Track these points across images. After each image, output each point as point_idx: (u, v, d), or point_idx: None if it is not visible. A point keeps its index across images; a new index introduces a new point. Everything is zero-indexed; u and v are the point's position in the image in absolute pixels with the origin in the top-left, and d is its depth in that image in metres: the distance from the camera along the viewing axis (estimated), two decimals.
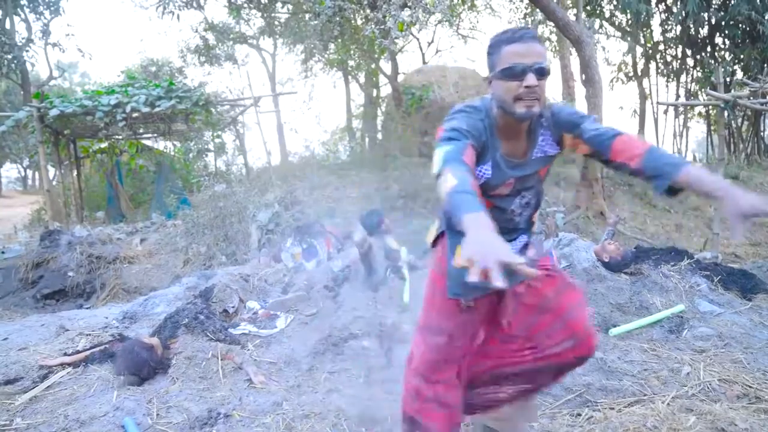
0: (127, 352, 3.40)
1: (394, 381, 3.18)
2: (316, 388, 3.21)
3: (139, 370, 3.34)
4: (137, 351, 3.38)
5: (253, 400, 3.08)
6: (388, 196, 8.27)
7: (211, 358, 3.45)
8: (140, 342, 3.45)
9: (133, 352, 3.38)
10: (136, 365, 3.34)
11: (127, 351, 3.41)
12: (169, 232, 8.91)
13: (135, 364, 3.34)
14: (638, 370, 3.22)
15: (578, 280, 4.52)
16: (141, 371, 3.35)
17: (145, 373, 3.36)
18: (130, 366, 3.34)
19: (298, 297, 4.17)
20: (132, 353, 3.38)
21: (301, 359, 3.53)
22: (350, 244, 4.99)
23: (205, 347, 3.52)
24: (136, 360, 3.35)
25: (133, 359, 3.35)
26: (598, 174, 8.42)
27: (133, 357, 3.36)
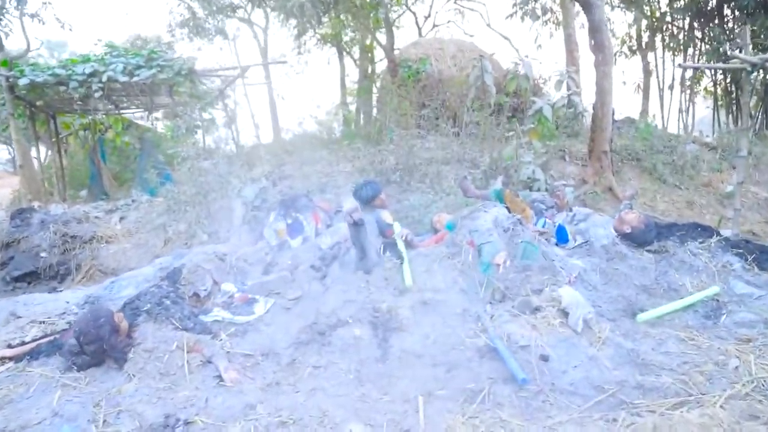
0: (89, 321, 2.92)
1: (390, 376, 2.70)
2: (297, 386, 2.71)
3: (92, 345, 2.85)
4: (101, 324, 2.89)
5: (222, 401, 2.59)
6: (383, 170, 7.72)
7: (175, 351, 2.94)
8: (110, 316, 2.96)
9: (96, 323, 2.89)
10: (92, 340, 2.85)
11: (89, 319, 2.93)
12: (150, 210, 8.37)
13: (91, 339, 2.85)
14: (677, 364, 2.73)
15: (596, 259, 4.03)
16: (94, 349, 2.86)
17: (97, 353, 2.88)
18: (86, 338, 2.86)
19: (281, 278, 3.66)
20: (94, 324, 2.89)
21: (282, 351, 3.03)
22: (340, 219, 4.48)
23: (170, 337, 3.01)
24: (95, 334, 2.86)
25: (91, 332, 2.86)
26: (606, 147, 7.90)
27: (93, 329, 2.87)
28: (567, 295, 3.14)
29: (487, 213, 3.98)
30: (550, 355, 2.70)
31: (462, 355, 2.85)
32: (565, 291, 3.21)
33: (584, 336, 2.91)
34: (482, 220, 3.90)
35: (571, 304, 3.06)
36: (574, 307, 3.03)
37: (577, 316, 2.98)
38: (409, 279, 3.54)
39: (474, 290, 3.49)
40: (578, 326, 2.95)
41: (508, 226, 3.83)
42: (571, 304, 3.05)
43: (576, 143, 9.35)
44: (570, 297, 3.13)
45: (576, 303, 3.08)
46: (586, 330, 2.95)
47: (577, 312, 3.00)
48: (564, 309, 3.04)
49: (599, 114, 7.64)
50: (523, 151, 6.77)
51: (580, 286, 3.62)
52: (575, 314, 2.99)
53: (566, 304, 3.06)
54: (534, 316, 3.00)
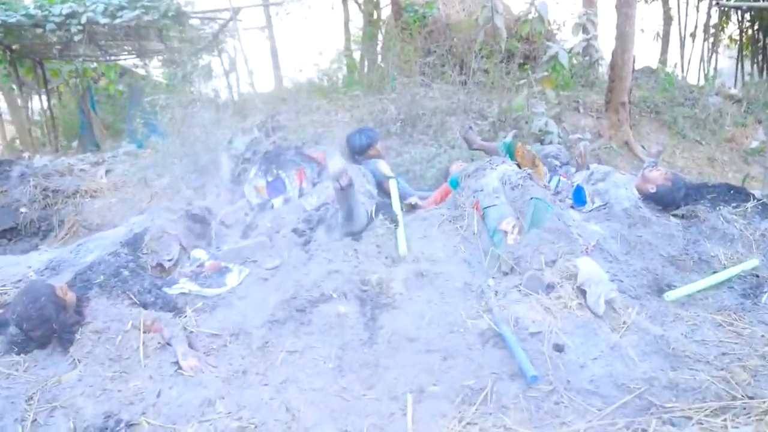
0: (27, 304, 2.46)
1: (377, 366, 2.30)
2: (267, 376, 2.32)
3: (38, 330, 2.45)
4: (43, 305, 2.45)
5: (177, 395, 2.20)
6: (384, 120, 7.18)
7: (130, 331, 2.54)
8: (51, 292, 2.52)
9: (36, 304, 2.45)
10: (36, 325, 2.45)
11: (27, 302, 2.47)
12: (136, 162, 7.91)
13: (35, 324, 2.44)
14: (715, 355, 2.32)
15: (617, 225, 3.56)
16: (41, 334, 2.46)
17: (46, 337, 2.48)
18: (29, 324, 2.45)
19: (258, 244, 3.22)
20: (34, 306, 2.45)
21: (254, 331, 2.63)
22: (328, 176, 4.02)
23: (125, 315, 2.62)
24: (38, 317, 2.44)
25: (32, 316, 2.44)
26: (625, 98, 7.29)
27: (35, 312, 2.44)
28: (585, 268, 2.69)
29: (493, 170, 3.50)
30: (565, 344, 2.28)
31: (461, 340, 2.44)
32: (583, 262, 2.75)
33: (605, 319, 2.49)
34: (488, 179, 3.43)
35: (589, 279, 2.60)
36: (593, 283, 2.59)
37: (597, 294, 2.54)
38: (404, 247, 3.11)
39: (478, 260, 3.06)
40: (599, 308, 2.51)
41: (516, 183, 3.34)
42: (589, 280, 2.60)
43: (591, 94, 8.70)
44: (588, 271, 2.67)
45: (596, 278, 2.62)
46: (608, 312, 2.53)
47: (598, 290, 2.56)
48: (580, 286, 2.60)
49: (619, 61, 6.99)
50: (535, 101, 6.21)
51: (598, 257, 3.17)
52: (595, 293, 2.55)
53: (583, 280, 2.61)
54: (547, 295, 2.57)
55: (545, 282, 2.63)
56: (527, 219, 3.11)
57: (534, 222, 3.09)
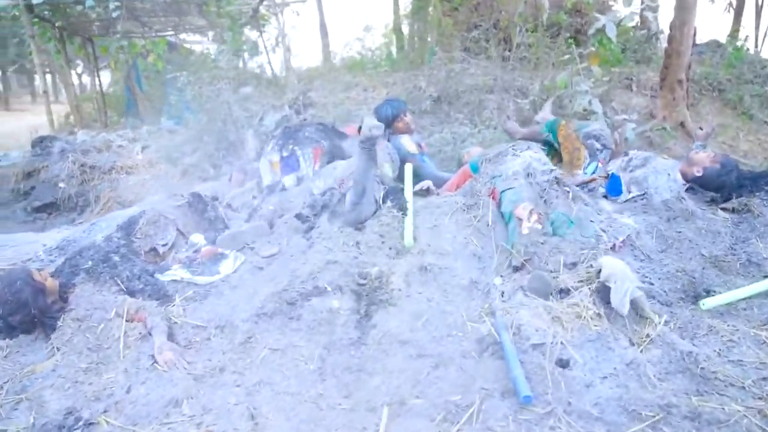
0: (4, 286, 2.42)
1: (361, 370, 2.11)
2: (243, 376, 2.16)
3: (17, 315, 2.40)
4: (19, 288, 2.40)
5: (146, 392, 2.08)
6: (418, 98, 6.88)
7: (113, 320, 2.45)
8: (28, 276, 2.46)
9: (12, 288, 2.41)
10: (14, 309, 2.40)
11: (4, 284, 2.43)
12: (172, 139, 7.96)
13: (13, 308, 2.40)
14: (753, 380, 1.98)
15: (654, 218, 3.19)
16: (21, 319, 2.41)
17: (26, 323, 2.43)
18: (6, 309, 2.41)
19: (256, 229, 3.06)
20: (10, 289, 2.41)
21: (240, 324, 2.47)
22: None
23: (109, 303, 2.52)
24: (15, 301, 2.39)
25: (9, 300, 2.39)
26: (682, 75, 6.66)
27: (11, 296, 2.40)
28: (609, 263, 2.36)
29: (517, 157, 3.18)
30: (572, 360, 2.00)
31: (457, 346, 2.20)
32: (608, 260, 2.42)
33: (625, 329, 2.18)
34: (509, 164, 3.12)
35: (613, 275, 2.27)
36: (618, 279, 2.25)
37: (624, 291, 2.21)
38: (410, 237, 2.87)
39: (490, 255, 2.79)
40: (624, 307, 2.19)
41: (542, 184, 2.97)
42: (613, 275, 2.27)
43: (647, 70, 8.05)
44: (613, 266, 2.34)
45: (621, 275, 2.29)
46: (631, 316, 2.21)
47: (623, 286, 2.22)
48: (604, 282, 2.28)
49: (677, 35, 6.36)
50: (579, 78, 5.74)
51: (628, 254, 2.84)
52: (620, 289, 2.22)
53: (607, 274, 2.28)
54: (560, 300, 2.28)
55: (552, 284, 2.33)
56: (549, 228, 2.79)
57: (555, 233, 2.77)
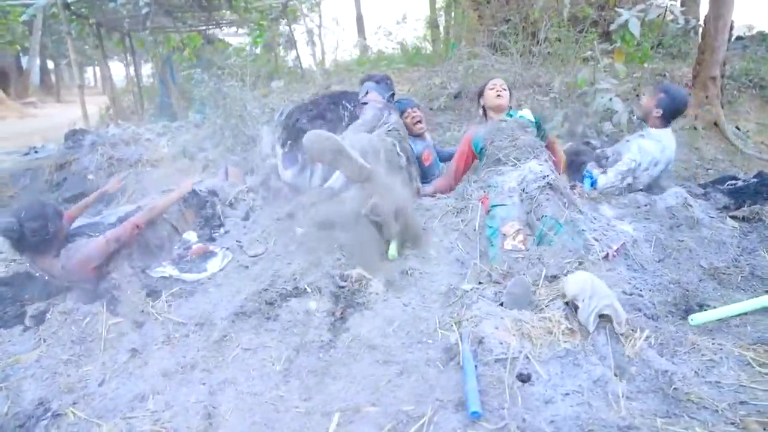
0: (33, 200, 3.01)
1: (325, 374, 2.12)
2: (211, 374, 2.20)
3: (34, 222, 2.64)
4: (47, 204, 2.78)
5: (116, 387, 2.15)
6: (438, 94, 6.81)
7: (98, 314, 2.53)
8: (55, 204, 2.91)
9: (41, 203, 2.79)
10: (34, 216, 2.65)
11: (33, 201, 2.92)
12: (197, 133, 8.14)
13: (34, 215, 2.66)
14: (730, 402, 1.87)
15: (656, 225, 3.06)
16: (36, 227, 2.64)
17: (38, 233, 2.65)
18: (28, 214, 2.65)
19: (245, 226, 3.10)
20: (38, 203, 2.79)
21: (218, 322, 2.52)
22: None
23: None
24: (38, 211, 2.69)
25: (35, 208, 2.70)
26: (716, 72, 6.34)
27: (38, 206, 2.73)
28: (575, 281, 2.24)
29: (517, 169, 3.07)
30: (534, 375, 1.95)
31: (423, 354, 2.18)
32: (575, 277, 2.30)
33: (601, 346, 2.10)
34: (507, 177, 3.04)
35: (582, 292, 2.19)
36: (587, 297, 2.17)
37: (591, 308, 2.13)
38: (395, 251, 2.84)
39: (474, 260, 2.74)
40: (590, 324, 2.12)
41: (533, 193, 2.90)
42: (582, 293, 2.19)
43: (682, 66, 7.71)
44: (579, 283, 2.21)
45: (590, 291, 2.19)
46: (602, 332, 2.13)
47: (592, 304, 2.15)
48: (573, 301, 2.21)
49: (711, 29, 6.07)
50: (602, 75, 5.55)
51: (622, 264, 2.74)
52: (588, 306, 2.14)
53: (575, 293, 2.20)
54: (532, 312, 2.21)
55: (531, 292, 2.27)
56: (536, 236, 2.73)
57: (541, 240, 2.70)
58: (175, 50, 12.15)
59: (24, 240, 2.64)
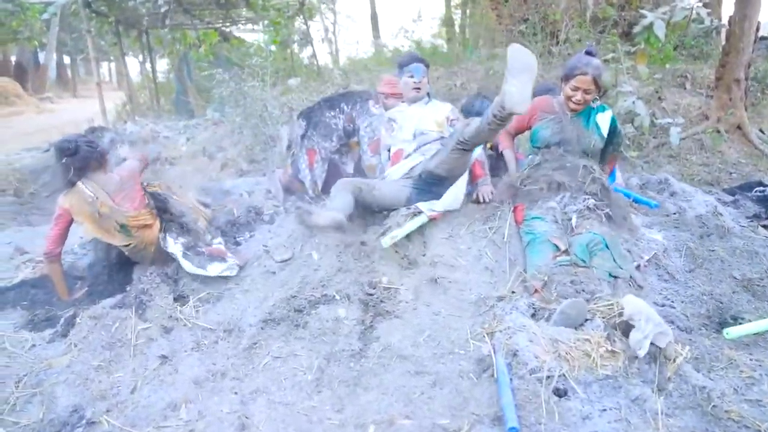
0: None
1: (357, 384, 2.11)
2: (242, 383, 2.20)
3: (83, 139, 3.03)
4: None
5: (147, 394, 2.16)
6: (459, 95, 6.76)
7: (127, 319, 2.54)
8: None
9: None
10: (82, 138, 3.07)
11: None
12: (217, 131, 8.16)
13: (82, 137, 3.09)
14: None
15: (686, 234, 3.02)
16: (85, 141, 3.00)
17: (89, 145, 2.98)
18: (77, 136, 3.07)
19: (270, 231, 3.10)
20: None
21: (247, 329, 2.52)
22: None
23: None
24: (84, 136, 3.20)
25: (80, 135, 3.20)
26: (741, 74, 6.24)
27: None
28: (632, 302, 2.17)
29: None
30: (570, 390, 1.93)
31: (456, 366, 2.17)
32: (632, 299, 2.25)
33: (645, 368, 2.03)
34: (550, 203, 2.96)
35: (638, 314, 2.11)
36: (644, 319, 2.09)
37: (646, 332, 2.06)
38: (389, 241, 2.77)
39: (502, 269, 2.72)
40: (643, 348, 2.04)
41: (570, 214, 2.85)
42: (639, 314, 2.10)
43: (704, 68, 7.60)
44: (636, 305, 2.15)
45: (645, 314, 2.12)
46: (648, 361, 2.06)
47: (647, 328, 2.08)
48: (628, 320, 2.13)
49: (737, 30, 5.97)
50: (625, 78, 5.49)
51: (653, 274, 2.71)
52: (643, 330, 2.06)
53: (632, 313, 2.12)
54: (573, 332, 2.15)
55: (585, 315, 2.21)
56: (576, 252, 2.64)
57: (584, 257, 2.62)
58: (191, 47, 12.18)
59: (79, 154, 2.89)
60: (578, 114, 3.18)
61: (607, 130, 3.20)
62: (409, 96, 3.47)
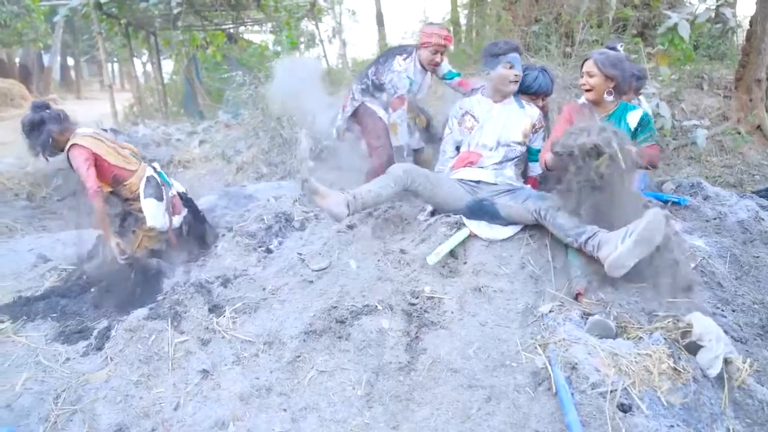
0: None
1: (410, 399, 2.04)
2: (290, 398, 2.14)
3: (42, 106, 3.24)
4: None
5: (192, 411, 2.09)
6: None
7: (164, 331, 2.48)
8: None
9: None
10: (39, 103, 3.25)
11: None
12: (230, 133, 8.09)
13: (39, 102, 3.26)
14: None
15: (728, 240, 2.96)
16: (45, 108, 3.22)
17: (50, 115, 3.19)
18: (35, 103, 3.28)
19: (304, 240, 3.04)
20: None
21: (288, 341, 2.44)
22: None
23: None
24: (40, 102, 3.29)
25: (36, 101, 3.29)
26: (762, 75, 6.18)
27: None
28: (701, 320, 2.12)
29: None
30: (634, 405, 1.86)
31: (510, 379, 2.10)
32: (699, 316, 2.18)
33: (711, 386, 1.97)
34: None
35: (708, 334, 2.05)
36: (714, 339, 2.03)
37: (716, 353, 1.99)
38: (436, 258, 2.73)
39: (548, 278, 2.65)
40: (715, 368, 1.99)
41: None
42: (708, 334, 2.04)
43: (720, 68, 7.53)
44: (705, 324, 2.10)
45: (715, 333, 2.06)
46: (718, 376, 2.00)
47: (718, 348, 2.01)
48: (697, 341, 2.06)
49: (758, 30, 5.91)
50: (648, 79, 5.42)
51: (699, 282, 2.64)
52: (714, 350, 2.01)
53: (701, 333, 2.05)
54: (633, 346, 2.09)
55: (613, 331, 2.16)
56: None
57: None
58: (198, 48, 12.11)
59: (49, 112, 3.10)
60: (609, 116, 3.07)
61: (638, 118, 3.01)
62: (504, 89, 3.14)
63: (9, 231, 4.69)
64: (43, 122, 3.06)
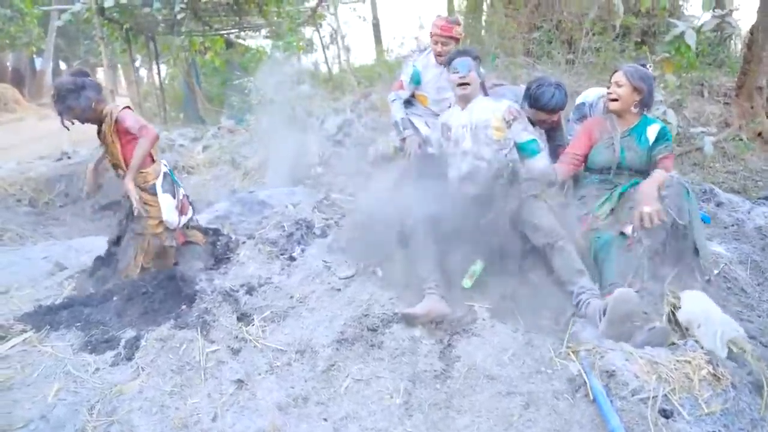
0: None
1: (448, 407, 2.05)
2: (327, 407, 2.13)
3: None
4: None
5: (232, 422, 2.08)
6: None
7: (194, 341, 2.46)
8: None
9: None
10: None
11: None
12: (234, 139, 8.07)
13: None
14: None
15: (747, 246, 3.00)
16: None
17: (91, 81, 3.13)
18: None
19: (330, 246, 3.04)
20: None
21: (321, 350, 2.44)
22: None
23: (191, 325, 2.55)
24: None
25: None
26: (763, 82, 6.29)
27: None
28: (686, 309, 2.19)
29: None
30: (675, 411, 1.88)
31: (548, 385, 2.11)
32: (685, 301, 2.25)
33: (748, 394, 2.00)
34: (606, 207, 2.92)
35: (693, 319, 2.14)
36: (702, 322, 2.13)
37: (713, 332, 2.08)
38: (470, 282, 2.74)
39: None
40: (719, 348, 2.06)
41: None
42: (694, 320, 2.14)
43: (720, 75, 7.65)
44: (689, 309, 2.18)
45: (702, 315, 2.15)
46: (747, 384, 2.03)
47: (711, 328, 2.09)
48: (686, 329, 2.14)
49: (759, 38, 6.02)
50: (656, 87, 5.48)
51: (722, 287, 2.68)
52: (709, 331, 2.09)
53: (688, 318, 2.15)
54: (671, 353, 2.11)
55: (671, 338, 2.19)
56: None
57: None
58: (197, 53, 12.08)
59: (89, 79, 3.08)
60: (631, 130, 3.07)
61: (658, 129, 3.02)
62: (457, 93, 3.02)
63: (20, 238, 4.64)
64: (84, 87, 3.02)
